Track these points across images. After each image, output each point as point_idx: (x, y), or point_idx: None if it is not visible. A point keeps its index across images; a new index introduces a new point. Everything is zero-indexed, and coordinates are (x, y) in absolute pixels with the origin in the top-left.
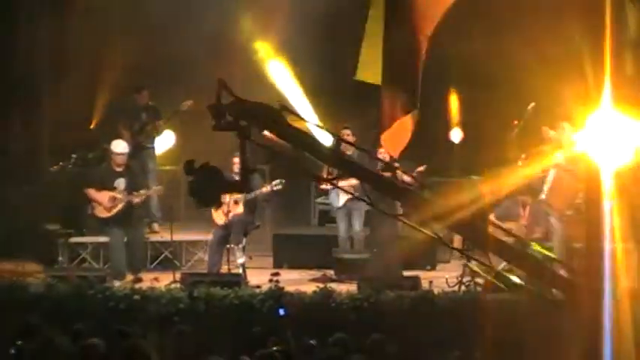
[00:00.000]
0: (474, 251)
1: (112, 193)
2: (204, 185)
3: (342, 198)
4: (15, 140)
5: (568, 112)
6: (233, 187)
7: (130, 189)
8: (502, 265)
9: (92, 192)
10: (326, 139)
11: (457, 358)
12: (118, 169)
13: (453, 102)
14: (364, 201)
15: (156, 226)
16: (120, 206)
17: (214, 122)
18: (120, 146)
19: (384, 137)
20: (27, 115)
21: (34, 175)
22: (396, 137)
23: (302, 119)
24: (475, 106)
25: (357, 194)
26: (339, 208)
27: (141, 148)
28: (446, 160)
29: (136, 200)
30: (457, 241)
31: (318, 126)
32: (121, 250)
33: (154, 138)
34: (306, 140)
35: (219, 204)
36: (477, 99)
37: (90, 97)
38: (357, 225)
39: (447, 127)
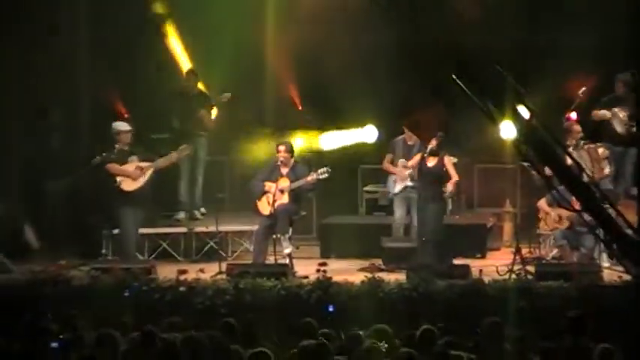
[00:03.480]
0: None
1: (137, 163)
2: None
3: (399, 185)
4: (54, 131)
5: None
6: None
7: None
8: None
9: (114, 166)
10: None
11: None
12: (127, 149)
13: None
14: None
15: (197, 213)
16: (148, 175)
17: None
18: (124, 125)
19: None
20: (66, 105)
21: (76, 167)
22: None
23: None
24: None
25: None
26: (396, 194)
27: (192, 136)
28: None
29: (164, 164)
30: (507, 230)
31: None
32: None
33: (204, 127)
34: None
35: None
36: None
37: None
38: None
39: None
